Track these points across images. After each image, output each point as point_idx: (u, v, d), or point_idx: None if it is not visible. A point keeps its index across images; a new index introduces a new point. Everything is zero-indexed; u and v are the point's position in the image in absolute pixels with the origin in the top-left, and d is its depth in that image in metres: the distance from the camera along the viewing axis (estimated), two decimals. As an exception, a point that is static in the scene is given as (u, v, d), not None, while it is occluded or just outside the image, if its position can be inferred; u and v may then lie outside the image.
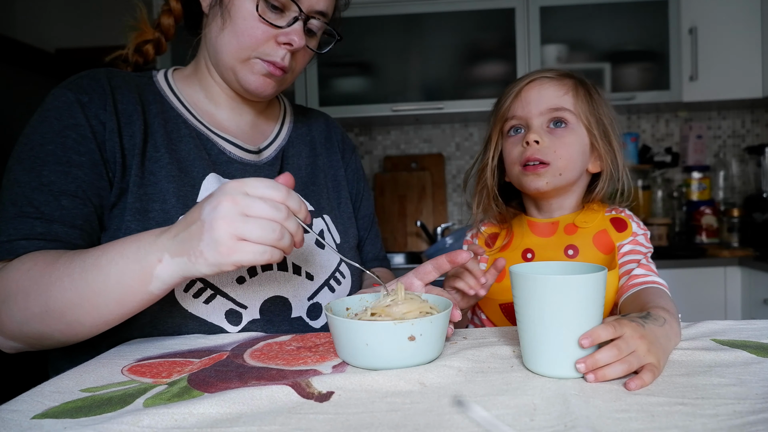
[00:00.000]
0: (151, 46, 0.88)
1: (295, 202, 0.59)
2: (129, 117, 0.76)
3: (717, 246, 2.29)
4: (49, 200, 0.68)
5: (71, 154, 0.71)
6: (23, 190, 0.69)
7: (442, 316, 0.57)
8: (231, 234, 0.55)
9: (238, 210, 0.56)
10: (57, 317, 0.62)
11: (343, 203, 0.97)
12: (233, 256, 0.56)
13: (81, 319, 0.63)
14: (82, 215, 0.70)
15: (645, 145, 2.60)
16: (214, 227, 0.56)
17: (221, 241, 0.56)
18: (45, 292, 0.62)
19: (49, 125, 0.71)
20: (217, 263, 0.57)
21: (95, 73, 0.78)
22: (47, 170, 0.69)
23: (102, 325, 0.64)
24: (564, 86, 0.87)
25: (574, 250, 0.87)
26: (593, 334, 0.51)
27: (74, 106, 0.72)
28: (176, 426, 0.43)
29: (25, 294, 0.62)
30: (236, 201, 0.56)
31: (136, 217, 0.72)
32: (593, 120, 0.87)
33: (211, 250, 0.56)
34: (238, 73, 0.80)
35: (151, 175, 0.75)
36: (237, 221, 0.55)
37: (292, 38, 0.77)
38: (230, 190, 0.57)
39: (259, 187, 0.57)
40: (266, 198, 0.57)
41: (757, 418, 0.41)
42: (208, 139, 0.82)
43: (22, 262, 0.64)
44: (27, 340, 0.66)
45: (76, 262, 0.62)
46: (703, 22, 2.28)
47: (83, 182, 0.71)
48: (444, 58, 2.35)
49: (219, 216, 0.56)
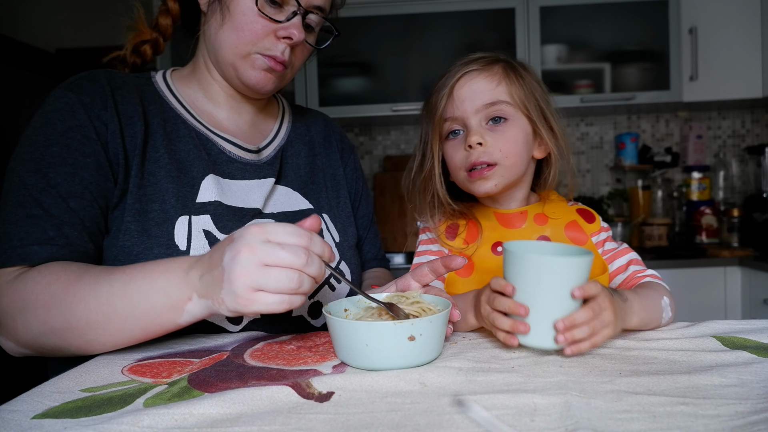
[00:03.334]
0: (149, 46, 0.88)
1: (318, 247, 0.57)
2: (130, 118, 0.76)
3: (717, 246, 2.29)
4: (58, 202, 0.68)
5: (77, 156, 0.70)
6: (30, 191, 0.68)
7: (442, 316, 0.57)
8: (248, 286, 0.54)
9: (257, 260, 0.54)
10: (78, 335, 0.62)
11: (342, 202, 0.97)
12: (251, 307, 0.55)
13: (102, 339, 0.63)
14: (91, 217, 0.70)
15: (645, 145, 2.60)
16: (232, 278, 0.55)
17: (239, 293, 0.55)
18: (68, 310, 0.61)
19: (53, 127, 0.71)
20: (237, 311, 0.57)
21: (94, 74, 0.77)
22: (53, 172, 0.69)
23: (121, 345, 0.64)
24: (495, 76, 0.81)
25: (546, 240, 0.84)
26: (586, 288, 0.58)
27: (77, 107, 0.72)
28: (176, 426, 0.43)
29: (45, 308, 0.62)
30: (255, 250, 0.54)
31: (136, 217, 0.72)
32: (531, 105, 0.82)
33: (230, 300, 0.56)
34: (239, 68, 0.80)
35: (150, 176, 0.75)
36: (254, 273, 0.54)
37: (291, 32, 0.77)
38: (250, 238, 0.55)
39: (279, 234, 0.55)
40: (286, 244, 0.55)
41: (758, 418, 0.41)
42: (208, 139, 0.82)
43: (42, 275, 0.64)
44: (40, 350, 0.66)
45: (102, 284, 0.62)
46: (703, 22, 2.28)
47: (90, 183, 0.70)
48: (444, 58, 2.35)
49: (237, 266, 0.54)
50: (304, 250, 0.55)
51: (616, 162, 2.60)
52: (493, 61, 0.83)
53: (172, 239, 0.73)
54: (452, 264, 0.67)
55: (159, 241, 0.72)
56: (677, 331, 0.67)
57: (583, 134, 2.67)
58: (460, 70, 0.82)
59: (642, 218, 2.43)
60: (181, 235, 0.73)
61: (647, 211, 2.48)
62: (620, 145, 2.58)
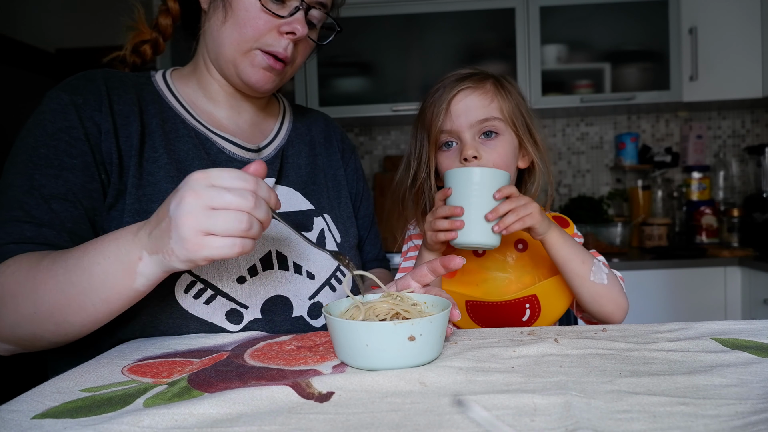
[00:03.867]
0: (149, 46, 0.88)
1: (264, 191, 0.57)
2: (126, 118, 0.76)
3: (717, 246, 2.29)
4: (40, 204, 0.69)
5: (63, 157, 0.71)
6: (15, 193, 0.69)
7: (442, 316, 0.57)
8: (196, 230, 0.54)
9: (202, 203, 0.54)
10: (46, 318, 0.63)
11: (343, 203, 0.97)
12: (201, 251, 0.55)
13: (69, 319, 0.63)
14: (72, 218, 0.71)
15: (645, 145, 2.60)
16: (179, 224, 0.54)
17: (187, 238, 0.54)
18: (32, 294, 0.62)
19: (43, 128, 0.72)
20: (188, 259, 0.56)
21: (92, 74, 0.77)
22: (39, 174, 0.70)
23: (91, 324, 0.64)
24: (488, 94, 0.88)
25: (523, 244, 0.92)
26: (503, 189, 0.78)
27: (68, 109, 0.72)
28: (176, 426, 0.43)
29: (13, 297, 0.63)
30: (199, 194, 0.54)
31: (135, 218, 0.72)
32: (518, 120, 0.89)
33: (179, 248, 0.55)
34: (239, 66, 0.80)
35: (149, 176, 0.75)
36: (201, 216, 0.54)
37: (295, 27, 0.77)
38: (194, 183, 0.55)
39: (224, 178, 0.55)
40: (232, 188, 0.55)
41: (758, 418, 0.41)
42: (207, 139, 0.82)
43: (7, 266, 0.65)
44: (19, 342, 0.67)
45: (58, 263, 0.62)
46: (703, 22, 2.28)
47: (74, 185, 0.71)
48: (444, 58, 2.35)
49: (183, 212, 0.54)
50: (251, 193, 0.55)
51: (616, 162, 2.60)
52: (484, 78, 0.90)
53: None
54: (451, 264, 0.68)
55: None
56: (677, 332, 0.67)
57: (583, 134, 2.67)
58: (456, 86, 0.88)
59: (642, 218, 2.43)
60: None
61: (647, 211, 2.48)
62: (620, 145, 2.58)
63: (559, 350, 0.60)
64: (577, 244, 0.84)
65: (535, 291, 0.86)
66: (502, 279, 0.90)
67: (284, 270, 0.80)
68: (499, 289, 0.89)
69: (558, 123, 2.66)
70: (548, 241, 0.82)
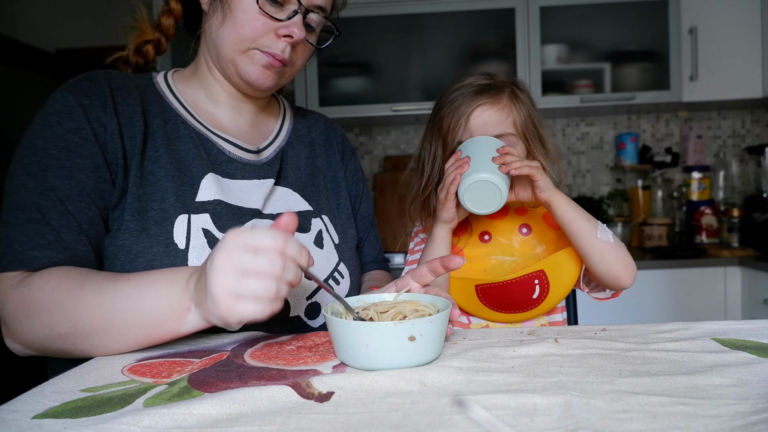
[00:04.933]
0: (152, 46, 0.88)
1: (294, 249, 0.57)
2: (129, 118, 0.76)
3: (717, 246, 2.29)
4: (56, 205, 0.69)
5: (74, 158, 0.71)
6: (30, 195, 0.69)
7: (442, 316, 0.57)
8: (227, 292, 0.55)
9: (233, 266, 0.54)
10: (83, 340, 0.64)
11: (342, 204, 0.97)
12: (232, 314, 0.55)
13: (105, 344, 0.64)
14: (88, 219, 0.71)
15: (645, 145, 2.60)
16: (211, 284, 0.55)
17: (220, 300, 0.55)
18: (73, 316, 0.63)
19: (52, 129, 0.71)
20: (222, 318, 0.57)
21: (95, 75, 0.77)
22: (51, 175, 0.70)
23: (125, 350, 0.65)
24: (503, 109, 0.92)
25: (527, 228, 0.95)
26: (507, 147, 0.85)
27: (76, 109, 0.72)
28: (176, 426, 0.43)
29: (50, 314, 0.64)
30: (231, 257, 0.54)
31: (135, 216, 0.73)
32: (529, 131, 0.93)
33: (214, 308, 0.56)
34: (238, 64, 0.80)
35: (150, 175, 0.75)
36: (231, 280, 0.54)
37: (292, 30, 0.78)
38: (227, 243, 0.55)
39: (256, 239, 0.55)
40: (263, 249, 0.55)
41: (758, 418, 0.41)
42: (207, 139, 0.83)
43: (45, 281, 0.65)
44: (46, 352, 0.68)
45: (105, 291, 0.63)
46: (703, 22, 2.28)
47: (87, 185, 0.71)
48: (444, 58, 2.35)
49: (215, 273, 0.55)
50: (280, 257, 0.55)
51: (616, 162, 2.60)
52: (500, 91, 0.93)
53: (171, 238, 0.73)
54: (451, 264, 0.68)
55: (158, 240, 0.72)
56: (677, 332, 0.67)
57: (583, 134, 2.67)
58: (475, 100, 0.92)
59: (642, 218, 2.43)
60: (180, 233, 0.74)
61: (647, 211, 2.48)
62: (620, 145, 2.58)
63: (559, 350, 0.60)
64: (580, 207, 0.86)
65: (543, 266, 0.87)
66: (509, 263, 0.93)
67: None
68: (507, 272, 0.92)
69: (558, 123, 2.66)
70: (554, 201, 0.84)
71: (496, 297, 0.89)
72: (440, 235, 0.90)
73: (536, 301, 0.88)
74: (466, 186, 0.82)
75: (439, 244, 0.90)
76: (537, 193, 0.84)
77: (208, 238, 0.75)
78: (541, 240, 0.94)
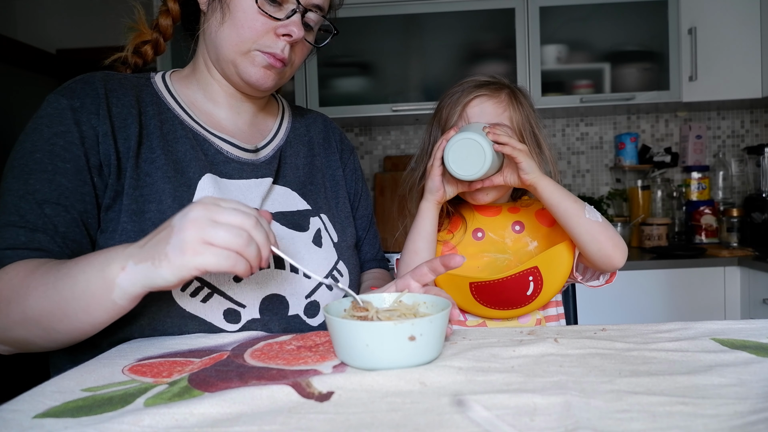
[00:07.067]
0: (150, 46, 0.89)
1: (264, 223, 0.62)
2: (124, 120, 0.77)
3: (716, 246, 2.29)
4: (34, 208, 0.70)
5: (57, 162, 0.72)
6: (11, 198, 0.71)
7: (442, 316, 0.57)
8: (198, 237, 0.57)
9: (208, 215, 0.58)
10: (34, 324, 0.65)
11: (341, 203, 0.97)
12: (197, 257, 0.57)
13: (55, 326, 0.64)
14: (65, 222, 0.72)
15: (645, 145, 2.60)
16: (183, 229, 0.57)
17: (187, 243, 0.57)
18: (24, 301, 0.64)
19: (40, 133, 0.73)
20: (180, 265, 0.58)
21: (91, 77, 0.78)
22: (33, 178, 0.71)
23: (75, 334, 0.66)
24: (501, 103, 0.93)
25: (520, 226, 0.96)
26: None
27: (65, 113, 0.74)
28: (177, 426, 0.44)
29: (7, 302, 0.65)
30: (208, 208, 0.58)
31: (132, 218, 0.73)
32: (526, 129, 0.94)
33: (176, 252, 0.57)
34: (239, 65, 0.81)
35: (146, 176, 0.76)
36: (205, 225, 0.57)
37: (291, 29, 0.78)
38: (203, 200, 0.59)
39: (231, 203, 0.60)
40: (237, 210, 0.59)
41: (758, 417, 0.41)
42: (205, 140, 0.83)
43: (5, 272, 0.66)
44: (13, 344, 0.69)
45: (52, 272, 0.64)
46: (703, 22, 2.28)
47: (66, 189, 0.72)
48: (444, 58, 2.35)
49: (189, 220, 0.57)
50: (252, 218, 0.60)
51: (616, 162, 2.60)
52: (500, 88, 0.95)
53: None
54: (451, 263, 0.68)
55: None
56: (677, 332, 0.67)
57: (582, 134, 2.67)
58: (473, 91, 0.93)
59: (641, 218, 2.43)
60: None
61: (647, 211, 2.48)
62: (620, 145, 2.58)
63: (559, 350, 0.60)
64: (567, 190, 0.87)
65: (536, 263, 0.88)
66: (502, 260, 0.93)
67: (281, 269, 0.80)
68: (501, 269, 0.92)
69: (558, 123, 2.67)
70: (539, 184, 0.84)
71: (491, 295, 0.89)
72: (425, 208, 0.91)
73: (530, 298, 0.89)
74: (450, 145, 0.83)
75: (424, 217, 0.91)
76: (521, 176, 0.85)
77: None
78: (533, 237, 0.95)
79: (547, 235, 0.94)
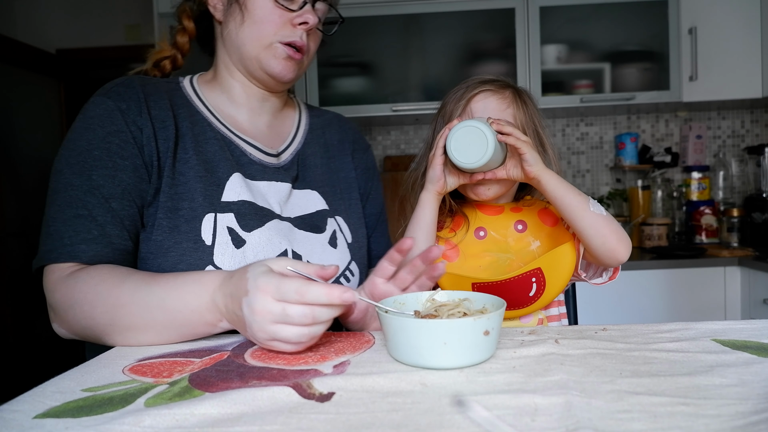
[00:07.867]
0: (168, 61, 0.95)
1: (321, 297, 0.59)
2: (162, 122, 0.82)
3: (716, 246, 2.29)
4: (101, 203, 0.75)
5: (116, 159, 0.77)
6: (77, 192, 0.75)
7: (501, 313, 0.58)
8: (267, 338, 0.60)
9: (272, 318, 0.59)
10: (119, 333, 0.69)
11: (354, 204, 1.01)
12: (274, 349, 0.62)
13: (141, 339, 0.69)
14: (129, 216, 0.77)
15: (645, 145, 2.60)
16: (253, 330, 0.61)
17: (259, 341, 0.62)
18: (112, 311, 0.68)
19: (94, 132, 0.77)
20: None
21: (129, 80, 0.83)
22: (96, 174, 0.75)
23: (156, 344, 0.70)
24: (505, 99, 0.93)
25: (522, 225, 0.95)
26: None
27: (115, 114, 0.78)
28: (177, 426, 0.43)
29: (92, 306, 0.69)
30: (266, 308, 0.59)
31: (167, 214, 0.78)
32: (529, 129, 0.94)
33: (256, 341, 0.62)
34: (263, 60, 0.86)
35: (180, 176, 0.81)
36: (270, 329, 0.59)
37: (306, 17, 0.85)
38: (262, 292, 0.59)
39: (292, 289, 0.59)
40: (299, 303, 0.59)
41: (759, 418, 0.41)
42: (231, 142, 0.88)
43: (90, 276, 0.71)
44: (87, 338, 0.74)
45: (142, 293, 0.68)
46: (703, 22, 2.28)
47: (128, 185, 0.77)
48: (444, 58, 2.35)
49: (255, 324, 0.60)
50: (309, 310, 0.59)
51: (616, 162, 2.60)
52: (504, 86, 0.95)
53: (199, 235, 0.78)
54: (430, 255, 0.72)
55: (187, 237, 0.78)
56: (677, 332, 0.67)
57: (582, 134, 2.67)
58: (477, 87, 0.94)
59: (642, 218, 2.43)
60: (207, 231, 0.79)
61: (647, 211, 2.48)
62: (620, 145, 2.58)
63: (560, 350, 0.60)
64: (570, 183, 0.86)
65: (540, 264, 0.88)
66: (504, 260, 0.93)
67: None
68: (503, 269, 0.92)
69: (558, 123, 2.67)
70: (543, 177, 0.84)
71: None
72: (425, 198, 0.90)
73: (533, 299, 0.89)
74: (453, 132, 0.82)
75: (423, 207, 0.90)
76: (525, 168, 0.84)
77: (231, 235, 0.80)
78: (536, 236, 0.94)
79: (549, 234, 0.94)
